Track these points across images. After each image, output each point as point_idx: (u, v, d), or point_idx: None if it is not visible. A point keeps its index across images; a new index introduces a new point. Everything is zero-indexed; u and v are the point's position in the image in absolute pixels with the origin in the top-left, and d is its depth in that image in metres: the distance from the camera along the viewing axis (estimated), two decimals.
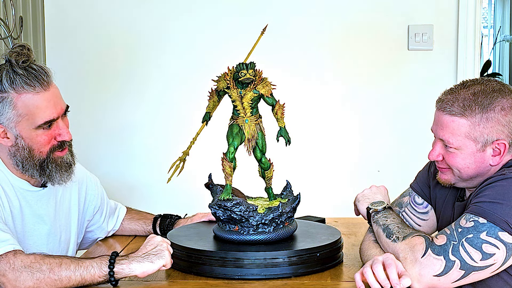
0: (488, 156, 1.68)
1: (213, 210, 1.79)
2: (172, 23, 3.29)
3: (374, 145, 3.29)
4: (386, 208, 1.80)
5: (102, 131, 3.33)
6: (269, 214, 1.76)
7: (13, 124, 1.77)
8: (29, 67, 1.77)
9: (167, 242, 1.68)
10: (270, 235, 1.77)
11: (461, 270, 1.55)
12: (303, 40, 3.27)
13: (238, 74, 1.74)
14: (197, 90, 3.27)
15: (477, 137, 1.66)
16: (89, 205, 2.09)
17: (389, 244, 1.66)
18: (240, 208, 1.75)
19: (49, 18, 3.29)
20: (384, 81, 3.27)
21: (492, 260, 1.55)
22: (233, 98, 1.78)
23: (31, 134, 1.78)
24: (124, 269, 1.61)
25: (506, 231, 1.54)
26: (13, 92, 1.75)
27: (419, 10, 3.23)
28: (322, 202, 3.03)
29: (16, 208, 1.84)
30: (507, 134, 1.67)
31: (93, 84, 3.31)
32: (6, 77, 1.74)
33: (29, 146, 1.79)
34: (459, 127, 1.67)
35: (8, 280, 1.59)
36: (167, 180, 1.84)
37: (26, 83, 1.75)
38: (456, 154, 1.70)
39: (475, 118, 1.66)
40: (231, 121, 1.80)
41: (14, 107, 1.75)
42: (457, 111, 1.67)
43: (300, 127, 3.07)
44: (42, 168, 1.82)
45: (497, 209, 1.56)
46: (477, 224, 1.56)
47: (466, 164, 1.70)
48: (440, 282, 1.56)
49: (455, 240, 1.56)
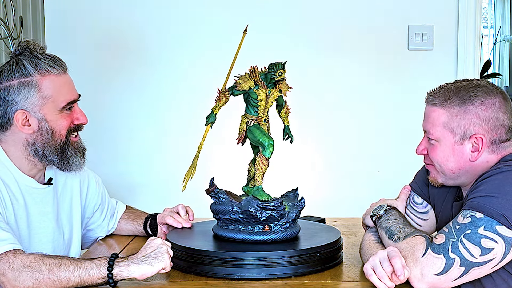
0: (467, 151, 1.71)
1: (235, 214, 1.78)
2: (171, 23, 3.30)
3: (374, 145, 3.29)
4: (388, 210, 1.80)
5: (102, 131, 3.33)
6: (292, 211, 1.80)
7: (38, 108, 1.81)
8: (46, 54, 1.86)
9: (167, 244, 1.68)
10: (284, 234, 1.79)
11: (461, 267, 1.55)
12: (303, 40, 3.27)
13: (274, 74, 1.76)
14: (197, 90, 3.29)
15: (455, 128, 1.70)
16: (89, 202, 2.09)
17: (390, 245, 1.67)
18: (283, 207, 1.78)
19: (49, 18, 3.29)
20: (384, 81, 3.27)
21: (492, 255, 1.55)
22: (260, 97, 1.79)
23: (55, 116, 1.84)
24: (122, 271, 1.61)
25: (504, 224, 1.54)
26: (37, 75, 1.81)
27: (419, 10, 3.23)
28: (322, 202, 3.03)
29: (21, 206, 1.84)
30: (486, 129, 1.69)
31: (93, 84, 3.31)
32: (28, 62, 1.81)
33: (52, 128, 1.84)
34: (439, 116, 1.72)
35: (7, 280, 1.59)
36: (182, 189, 1.83)
37: (50, 65, 1.82)
38: (436, 147, 1.74)
39: (453, 109, 1.70)
40: (249, 121, 1.81)
41: (39, 89, 1.81)
42: (438, 102, 1.73)
43: (300, 127, 3.07)
44: (63, 152, 1.87)
45: (493, 202, 1.56)
46: (474, 219, 1.56)
47: (445, 157, 1.73)
48: (441, 281, 1.56)
49: (454, 237, 1.56)
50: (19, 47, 1.85)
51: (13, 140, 1.84)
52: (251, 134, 1.81)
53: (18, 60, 1.82)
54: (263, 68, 1.80)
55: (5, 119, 1.82)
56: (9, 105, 1.80)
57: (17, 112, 1.80)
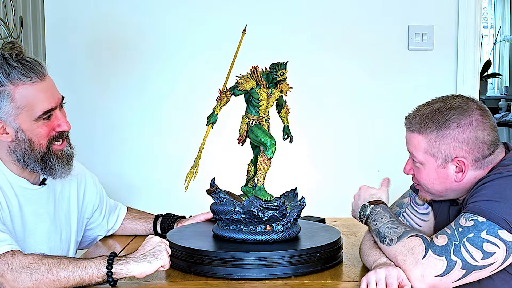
0: (451, 173, 1.70)
1: (237, 214, 1.78)
2: (171, 22, 3.29)
3: (374, 145, 3.29)
4: (372, 209, 1.79)
5: (101, 130, 3.33)
6: (294, 211, 1.80)
7: (12, 118, 1.76)
8: (23, 60, 1.78)
9: (165, 243, 1.68)
10: (286, 233, 1.79)
11: (462, 270, 1.55)
12: (303, 40, 3.27)
13: (276, 74, 1.77)
14: (195, 90, 3.29)
15: (436, 154, 1.70)
16: (88, 203, 2.09)
17: (384, 248, 1.67)
18: (285, 207, 1.78)
19: (49, 18, 3.29)
20: (384, 81, 3.27)
21: (493, 259, 1.55)
22: (262, 97, 1.79)
23: (31, 126, 1.78)
24: (122, 270, 1.61)
25: (505, 229, 1.54)
26: (10, 84, 1.75)
27: (419, 10, 3.23)
28: (322, 202, 3.03)
29: (15, 207, 1.83)
30: (466, 151, 1.67)
31: (92, 84, 3.31)
32: (1, 71, 1.74)
33: (30, 138, 1.79)
34: (419, 143, 1.72)
35: (6, 281, 1.58)
36: (184, 189, 1.82)
37: (22, 74, 1.75)
38: (421, 170, 1.75)
39: (431, 135, 1.69)
40: (250, 121, 1.81)
41: (12, 99, 1.75)
42: (415, 129, 1.73)
43: (300, 127, 3.07)
44: (44, 161, 1.82)
45: (495, 207, 1.56)
46: (477, 223, 1.56)
47: (430, 180, 1.74)
48: (442, 282, 1.56)
49: (457, 240, 1.56)
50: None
51: (0, 145, 1.82)
52: (252, 134, 1.81)
53: None
54: (263, 68, 1.80)
55: None
56: None
57: None
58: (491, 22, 8.29)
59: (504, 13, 8.08)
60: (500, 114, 7.17)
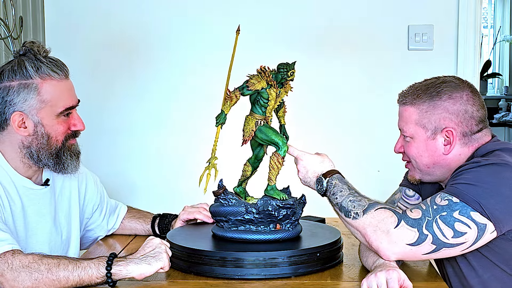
0: (440, 145, 1.77)
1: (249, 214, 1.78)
2: (173, 22, 3.29)
3: (374, 145, 3.29)
4: (327, 183, 1.77)
5: (102, 130, 3.33)
6: (299, 210, 1.82)
7: (35, 111, 1.81)
8: (50, 57, 1.85)
9: (166, 244, 1.68)
10: (293, 232, 1.81)
11: (432, 245, 1.59)
12: (302, 40, 3.27)
13: (286, 74, 1.79)
14: (197, 90, 3.29)
15: (426, 124, 1.77)
16: (88, 202, 2.09)
17: (350, 222, 1.68)
18: (296, 205, 1.80)
19: (49, 18, 3.29)
20: (384, 81, 3.27)
21: (464, 239, 1.59)
22: (271, 97, 1.79)
23: (52, 121, 1.83)
24: (121, 271, 1.61)
25: (478, 211, 1.58)
26: (38, 78, 1.81)
27: (419, 10, 3.23)
28: (322, 202, 3.03)
29: (18, 207, 1.84)
30: (456, 123, 1.75)
31: (93, 84, 3.31)
32: (31, 64, 1.81)
33: (48, 133, 1.83)
34: (410, 115, 1.79)
35: (6, 280, 1.58)
36: (203, 191, 1.81)
37: (52, 69, 1.83)
38: (411, 143, 1.81)
39: (423, 106, 1.77)
40: (258, 120, 1.81)
41: (39, 93, 1.81)
42: (408, 101, 1.80)
43: (300, 127, 3.07)
44: (58, 156, 1.86)
45: (471, 190, 1.60)
46: (451, 203, 1.60)
47: (419, 152, 1.80)
48: (412, 252, 1.60)
49: (430, 216, 1.60)
50: (23, 47, 1.85)
51: (10, 141, 1.84)
52: (262, 134, 1.81)
53: (21, 61, 1.82)
54: (267, 68, 1.80)
55: (2, 119, 1.82)
56: (7, 106, 1.80)
57: (14, 113, 1.80)
58: (491, 22, 8.28)
59: (504, 13, 8.08)
60: (500, 114, 7.15)
